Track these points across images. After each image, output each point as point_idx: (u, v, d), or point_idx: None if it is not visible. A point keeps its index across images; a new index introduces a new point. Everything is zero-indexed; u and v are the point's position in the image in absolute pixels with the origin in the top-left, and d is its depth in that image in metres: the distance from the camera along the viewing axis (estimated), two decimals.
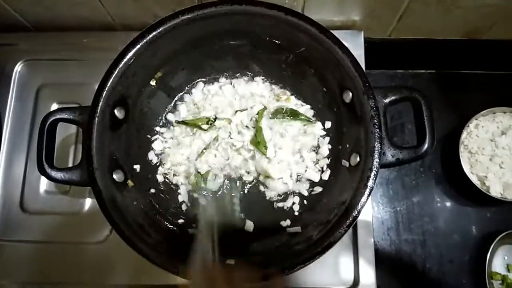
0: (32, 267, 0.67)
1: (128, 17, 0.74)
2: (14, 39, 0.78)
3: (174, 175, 0.66)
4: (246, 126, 0.67)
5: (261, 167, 0.64)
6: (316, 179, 0.65)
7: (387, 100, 0.56)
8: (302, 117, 0.67)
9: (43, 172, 0.54)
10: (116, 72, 0.55)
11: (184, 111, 0.69)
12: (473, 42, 0.78)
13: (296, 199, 0.65)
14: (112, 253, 0.66)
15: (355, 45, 0.71)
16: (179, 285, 0.52)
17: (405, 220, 0.79)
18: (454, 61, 0.84)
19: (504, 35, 0.76)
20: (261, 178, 0.66)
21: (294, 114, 0.67)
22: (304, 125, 0.67)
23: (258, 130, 0.64)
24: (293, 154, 0.66)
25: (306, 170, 0.66)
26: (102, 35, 0.77)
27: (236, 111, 0.67)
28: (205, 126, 0.66)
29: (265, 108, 0.67)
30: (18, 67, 0.76)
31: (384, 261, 0.75)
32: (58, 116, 0.55)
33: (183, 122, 0.68)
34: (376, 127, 0.53)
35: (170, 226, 0.62)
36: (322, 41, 0.58)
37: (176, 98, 0.70)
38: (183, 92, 0.70)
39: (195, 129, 0.67)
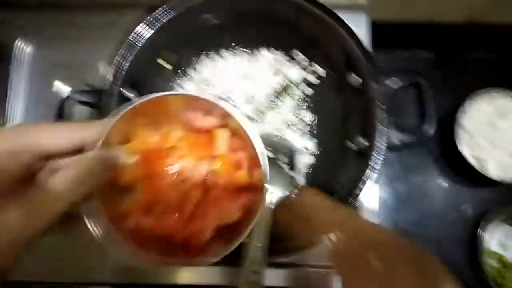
0: (48, 245, 0.68)
1: None
2: (19, 17, 0.77)
3: None
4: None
5: None
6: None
7: (392, 84, 0.57)
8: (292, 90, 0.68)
9: None
10: (129, 55, 0.56)
11: (191, 88, 0.69)
12: (474, 25, 0.79)
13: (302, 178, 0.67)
14: None
15: (360, 27, 0.71)
16: None
17: (405, 199, 0.81)
18: (454, 43, 0.85)
19: (504, 19, 0.77)
20: None
21: (286, 89, 0.68)
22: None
23: None
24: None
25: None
26: (108, 14, 0.76)
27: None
28: None
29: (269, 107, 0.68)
30: (18, 43, 0.76)
31: None
32: (76, 99, 0.56)
33: None
34: (382, 111, 0.55)
35: None
36: (328, 24, 0.59)
37: (183, 76, 0.70)
38: (190, 69, 0.70)
39: None
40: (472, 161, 0.75)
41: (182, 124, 0.41)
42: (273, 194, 0.57)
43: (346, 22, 0.60)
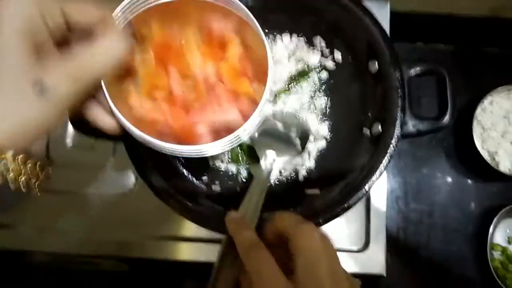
0: (57, 217, 0.70)
1: None
2: None
3: None
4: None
5: None
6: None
7: (412, 72, 0.57)
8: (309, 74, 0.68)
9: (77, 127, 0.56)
10: None
11: None
12: (496, 19, 0.78)
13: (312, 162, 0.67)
14: (136, 205, 0.69)
15: (380, 16, 0.70)
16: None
17: (414, 190, 0.82)
18: (474, 38, 0.85)
19: None
20: None
21: (303, 74, 0.68)
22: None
23: None
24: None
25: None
26: None
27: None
28: None
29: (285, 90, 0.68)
30: None
31: (392, 228, 0.79)
32: None
33: None
34: (400, 97, 0.55)
35: (196, 182, 0.65)
36: (351, 9, 0.59)
37: None
38: None
39: None
40: (484, 154, 0.76)
41: (198, 26, 0.42)
42: (275, 162, 0.58)
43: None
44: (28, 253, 0.69)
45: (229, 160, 0.67)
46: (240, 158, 0.66)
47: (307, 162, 0.66)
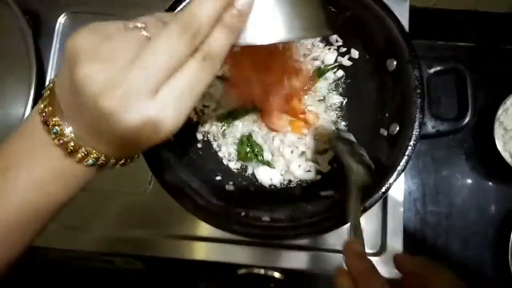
0: (72, 214, 0.70)
1: None
2: None
3: (213, 135, 0.68)
4: None
5: None
6: None
7: (431, 71, 0.56)
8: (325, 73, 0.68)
9: None
10: None
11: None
12: None
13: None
14: (150, 204, 0.69)
15: (400, 13, 0.69)
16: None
17: (432, 192, 0.80)
18: (495, 35, 0.82)
19: None
20: None
21: (319, 73, 0.67)
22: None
23: None
24: None
25: None
26: None
27: None
28: None
29: None
30: (61, 19, 0.78)
31: (409, 230, 0.77)
32: None
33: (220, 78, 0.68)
34: (419, 97, 0.54)
35: (210, 181, 0.64)
36: (369, 6, 0.58)
37: None
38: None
39: None
40: (506, 156, 0.74)
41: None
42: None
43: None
44: (43, 249, 0.70)
45: (238, 158, 0.66)
46: (249, 156, 0.65)
47: (322, 164, 0.65)
